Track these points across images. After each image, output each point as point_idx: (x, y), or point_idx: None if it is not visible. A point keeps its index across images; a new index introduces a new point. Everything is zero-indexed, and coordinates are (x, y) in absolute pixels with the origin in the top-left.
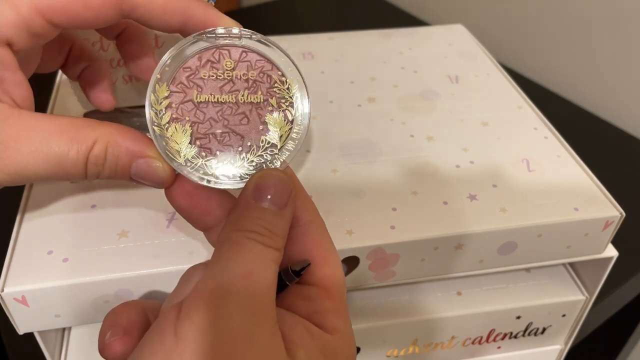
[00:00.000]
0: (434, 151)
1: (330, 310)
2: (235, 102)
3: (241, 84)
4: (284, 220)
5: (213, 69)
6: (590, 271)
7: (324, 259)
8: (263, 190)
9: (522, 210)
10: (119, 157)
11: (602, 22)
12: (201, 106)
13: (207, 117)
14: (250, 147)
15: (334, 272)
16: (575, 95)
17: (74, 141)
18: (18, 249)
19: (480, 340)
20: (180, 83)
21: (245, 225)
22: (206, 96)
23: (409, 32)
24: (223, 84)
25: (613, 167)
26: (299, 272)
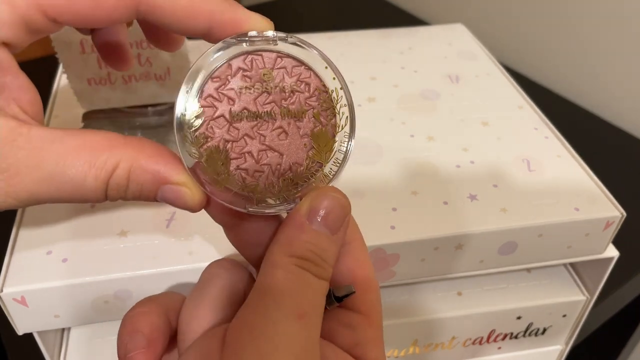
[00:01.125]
0: (434, 151)
1: (372, 340)
2: (271, 116)
3: (277, 95)
4: (336, 246)
5: (245, 78)
6: (590, 271)
7: (367, 282)
8: (318, 212)
9: (522, 210)
10: (143, 184)
11: (602, 22)
12: (234, 122)
13: (242, 134)
14: (291, 165)
15: (375, 298)
16: (575, 95)
17: (92, 166)
18: (17, 249)
19: (481, 340)
20: (210, 96)
21: (297, 251)
22: (239, 110)
23: (409, 31)
24: (257, 96)
25: (614, 167)
26: (341, 298)
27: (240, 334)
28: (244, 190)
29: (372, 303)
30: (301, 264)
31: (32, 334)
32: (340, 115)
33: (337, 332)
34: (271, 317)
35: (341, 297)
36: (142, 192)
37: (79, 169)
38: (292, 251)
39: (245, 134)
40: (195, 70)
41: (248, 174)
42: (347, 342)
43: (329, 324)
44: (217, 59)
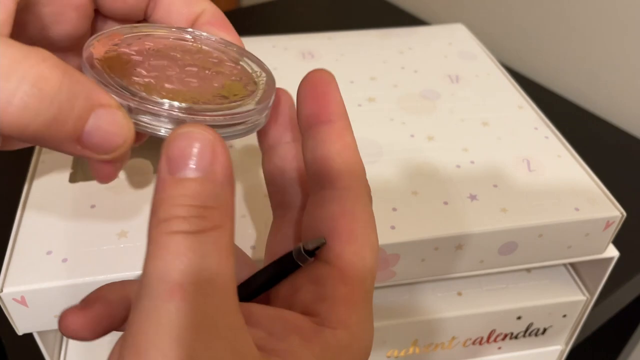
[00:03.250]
0: (434, 151)
1: (342, 298)
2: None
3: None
4: (216, 185)
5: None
6: (591, 271)
7: (349, 233)
8: (175, 159)
9: (522, 210)
10: (79, 97)
11: (603, 21)
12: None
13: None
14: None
15: (359, 252)
16: (576, 95)
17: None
18: (17, 249)
19: (481, 340)
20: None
21: (161, 213)
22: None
23: (409, 31)
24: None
25: (614, 167)
26: (312, 252)
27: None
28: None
29: (352, 258)
30: (166, 228)
31: (32, 334)
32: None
33: (301, 288)
34: (143, 306)
35: (312, 250)
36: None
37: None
38: (157, 218)
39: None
40: None
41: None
42: (310, 298)
43: (297, 281)
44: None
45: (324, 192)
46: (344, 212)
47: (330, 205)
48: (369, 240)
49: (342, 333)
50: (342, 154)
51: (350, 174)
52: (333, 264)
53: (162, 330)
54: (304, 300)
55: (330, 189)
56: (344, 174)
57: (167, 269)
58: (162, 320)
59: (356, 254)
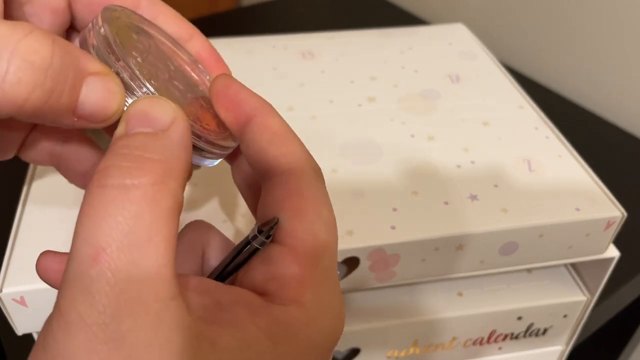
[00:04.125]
0: (434, 151)
1: (294, 277)
2: (180, 80)
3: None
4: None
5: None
6: (591, 272)
7: (296, 210)
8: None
9: (523, 211)
10: (70, 68)
11: (603, 21)
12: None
13: (160, 58)
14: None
15: (309, 228)
16: (576, 95)
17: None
18: (17, 249)
19: (481, 341)
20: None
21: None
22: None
23: (409, 31)
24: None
25: (615, 167)
26: (268, 234)
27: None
28: None
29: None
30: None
31: (32, 334)
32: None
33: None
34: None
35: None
36: (67, 82)
37: None
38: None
39: (160, 66)
40: None
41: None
42: (260, 277)
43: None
44: None
45: (270, 181)
46: (289, 191)
47: (276, 190)
48: (320, 215)
49: (295, 310)
50: (272, 141)
51: (287, 156)
52: (284, 242)
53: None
54: (254, 280)
55: (273, 176)
56: (280, 158)
57: (93, 230)
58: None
59: (306, 230)
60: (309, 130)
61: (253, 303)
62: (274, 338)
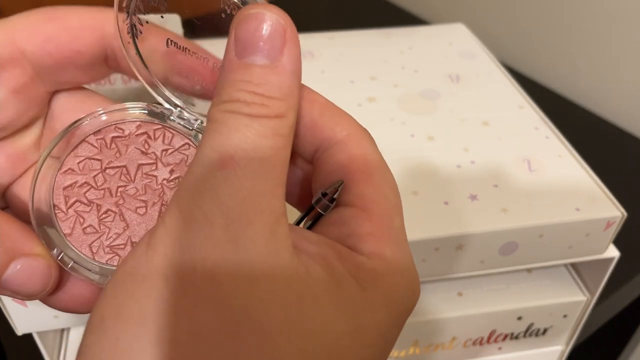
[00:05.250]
0: (434, 151)
1: (370, 234)
2: (144, 187)
3: (163, 172)
4: (281, 75)
5: (145, 144)
6: (591, 271)
7: (364, 173)
8: (244, 42)
9: (523, 211)
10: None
11: (604, 21)
12: (107, 172)
13: (105, 186)
14: (127, 242)
15: (379, 190)
16: (577, 94)
17: None
18: None
19: (481, 341)
20: (103, 139)
21: (224, 96)
22: (119, 165)
23: (409, 31)
24: (144, 163)
25: (614, 167)
26: (331, 197)
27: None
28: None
29: (373, 196)
30: (228, 108)
31: (32, 334)
32: None
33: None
34: (192, 177)
35: (332, 195)
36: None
37: None
38: (219, 98)
39: (108, 187)
40: (102, 112)
41: (83, 223)
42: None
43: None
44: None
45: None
46: (352, 155)
47: (337, 155)
48: (385, 177)
49: (379, 262)
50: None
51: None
52: (355, 205)
53: (207, 195)
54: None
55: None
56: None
57: (223, 142)
58: (211, 187)
59: (376, 192)
60: None
61: (340, 249)
62: (362, 283)
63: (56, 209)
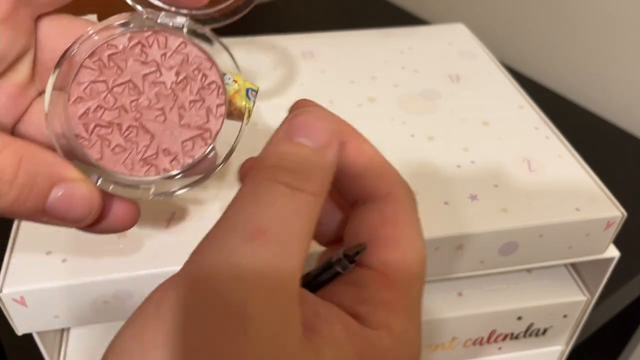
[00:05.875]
0: (434, 151)
1: (384, 302)
2: (155, 95)
3: (169, 77)
4: (323, 158)
5: (142, 54)
6: (591, 272)
7: (392, 238)
8: (297, 127)
9: (523, 211)
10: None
11: (604, 21)
12: (115, 90)
13: (118, 105)
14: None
15: (403, 258)
16: (576, 94)
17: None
18: (17, 249)
19: (481, 341)
20: (100, 60)
21: (269, 160)
22: (124, 80)
23: (409, 31)
24: (148, 72)
25: (615, 167)
26: (352, 258)
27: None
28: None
29: (397, 264)
30: (271, 174)
31: (32, 335)
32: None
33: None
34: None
35: (352, 256)
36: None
37: None
38: (264, 164)
39: (121, 105)
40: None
41: (109, 145)
42: (350, 300)
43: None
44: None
45: (364, 206)
46: (385, 218)
47: (371, 214)
48: (414, 245)
49: (385, 336)
50: (369, 166)
51: (385, 181)
52: (376, 269)
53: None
54: (343, 300)
55: (370, 201)
56: (379, 184)
57: (258, 212)
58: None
59: (400, 259)
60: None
61: (349, 323)
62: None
63: (79, 139)
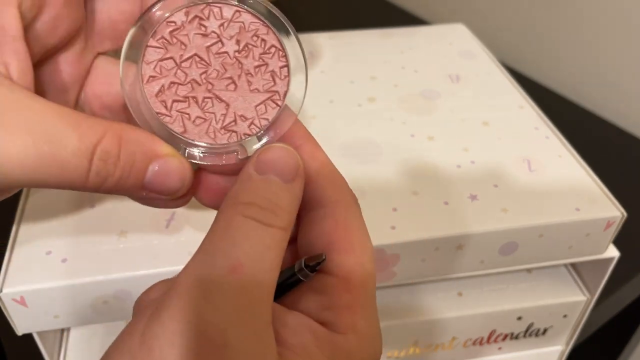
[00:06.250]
0: (434, 151)
1: (347, 306)
2: (222, 66)
3: (231, 46)
4: (291, 194)
5: (201, 27)
6: (591, 271)
7: (347, 243)
8: (266, 163)
9: (523, 211)
10: (136, 155)
11: (603, 21)
12: (183, 65)
13: (189, 79)
14: (236, 118)
15: (358, 261)
16: (576, 94)
17: (77, 126)
18: (17, 249)
19: (481, 341)
20: (162, 38)
21: (242, 197)
22: (189, 55)
23: (409, 31)
24: (211, 44)
25: (614, 167)
26: (313, 268)
27: (167, 299)
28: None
29: (352, 267)
30: (243, 210)
31: (32, 334)
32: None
33: (307, 298)
34: (200, 274)
35: (313, 266)
36: (133, 168)
37: (60, 128)
38: (237, 198)
39: (192, 79)
40: (152, 12)
41: (190, 118)
42: (315, 307)
43: (300, 291)
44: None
45: (315, 212)
46: (338, 224)
47: (324, 221)
48: (366, 247)
49: (352, 337)
50: (321, 172)
51: (335, 188)
52: (335, 274)
53: (212, 300)
54: (309, 308)
55: (320, 207)
56: (328, 190)
57: (234, 248)
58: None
59: (356, 262)
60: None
61: (318, 331)
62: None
63: (161, 116)
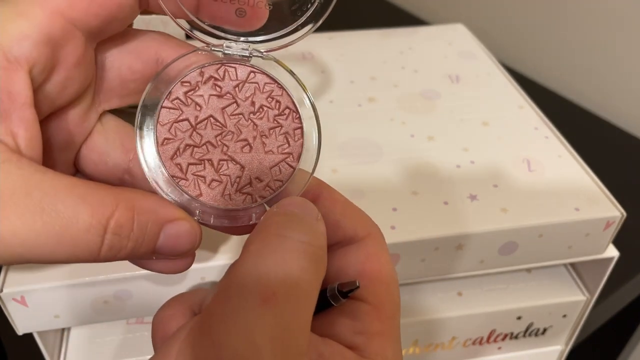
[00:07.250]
0: (434, 151)
1: (378, 333)
2: (238, 128)
3: (246, 107)
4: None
5: (215, 87)
6: (591, 271)
7: (377, 272)
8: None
9: (522, 211)
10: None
11: (603, 21)
12: (198, 127)
13: (205, 141)
14: (251, 180)
15: (389, 290)
16: (576, 95)
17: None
18: None
19: (481, 340)
20: (177, 99)
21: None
22: (205, 117)
23: (409, 31)
24: (226, 105)
25: (614, 167)
26: (346, 294)
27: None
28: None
29: (382, 295)
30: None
31: (32, 334)
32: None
33: (338, 322)
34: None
35: (346, 292)
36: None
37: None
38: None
39: (207, 141)
40: (166, 72)
41: (205, 181)
42: (347, 331)
43: (331, 315)
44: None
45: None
46: (370, 256)
47: (357, 253)
48: (394, 279)
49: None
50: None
51: (363, 224)
52: (368, 301)
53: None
54: (342, 333)
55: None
56: (357, 227)
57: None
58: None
59: (387, 292)
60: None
61: (349, 357)
62: None
63: (175, 179)
